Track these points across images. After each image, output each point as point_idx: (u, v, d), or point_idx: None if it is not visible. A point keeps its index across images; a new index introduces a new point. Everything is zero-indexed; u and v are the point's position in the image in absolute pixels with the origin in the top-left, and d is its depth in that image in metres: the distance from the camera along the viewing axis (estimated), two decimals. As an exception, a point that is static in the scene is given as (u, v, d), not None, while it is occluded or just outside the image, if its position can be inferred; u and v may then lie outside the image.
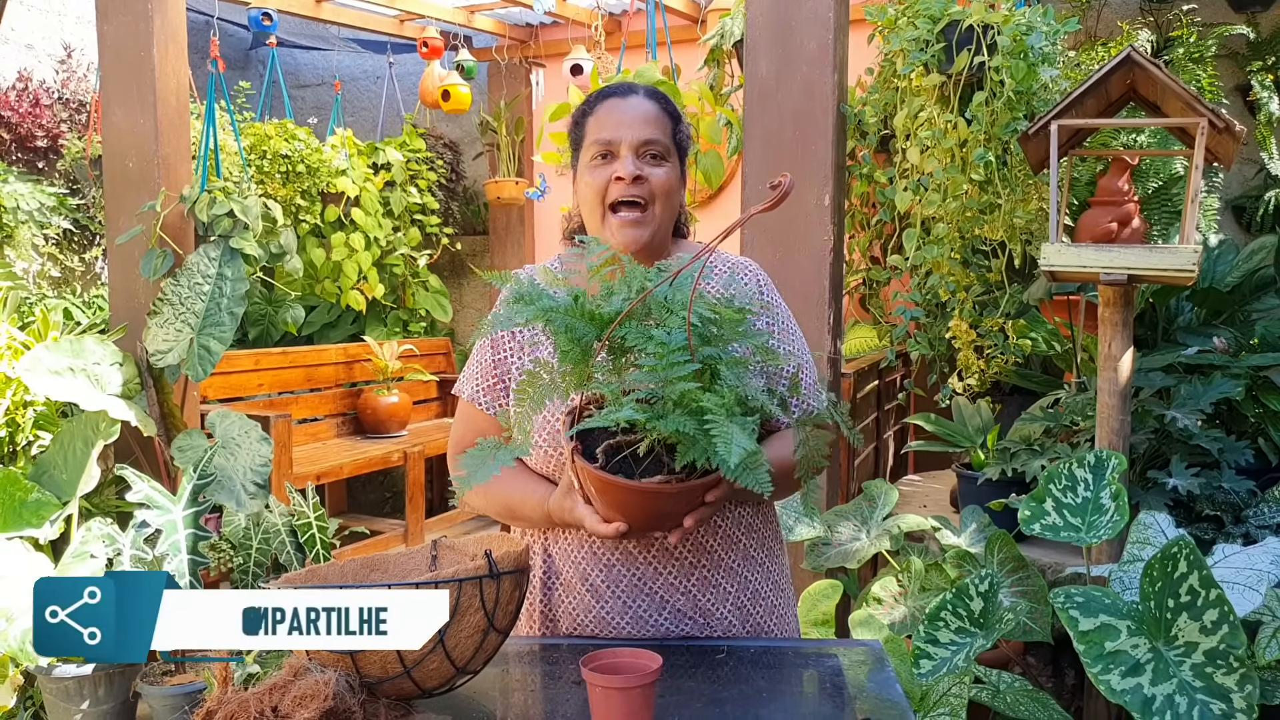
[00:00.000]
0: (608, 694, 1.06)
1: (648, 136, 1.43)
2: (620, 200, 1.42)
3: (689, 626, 1.40)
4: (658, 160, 1.44)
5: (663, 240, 1.49)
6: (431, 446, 4.71)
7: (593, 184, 1.44)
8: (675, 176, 1.47)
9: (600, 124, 1.45)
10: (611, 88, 1.50)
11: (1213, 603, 1.47)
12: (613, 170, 1.42)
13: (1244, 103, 3.70)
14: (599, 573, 1.40)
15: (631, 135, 1.43)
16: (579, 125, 1.50)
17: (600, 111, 1.46)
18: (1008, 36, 2.36)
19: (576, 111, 1.52)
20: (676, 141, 1.48)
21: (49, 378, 2.89)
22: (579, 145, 1.49)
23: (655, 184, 1.43)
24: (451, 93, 4.97)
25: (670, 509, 1.19)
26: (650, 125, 1.44)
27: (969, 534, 2.34)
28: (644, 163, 1.43)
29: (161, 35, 3.26)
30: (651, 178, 1.43)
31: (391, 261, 5.22)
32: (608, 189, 1.43)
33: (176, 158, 3.34)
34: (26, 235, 4.42)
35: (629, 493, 1.14)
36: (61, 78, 4.92)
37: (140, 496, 2.64)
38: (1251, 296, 2.65)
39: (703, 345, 1.11)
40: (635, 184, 1.41)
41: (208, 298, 3.19)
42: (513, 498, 1.43)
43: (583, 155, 1.48)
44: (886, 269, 2.97)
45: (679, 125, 1.50)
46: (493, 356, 1.50)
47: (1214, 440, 2.27)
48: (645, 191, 1.42)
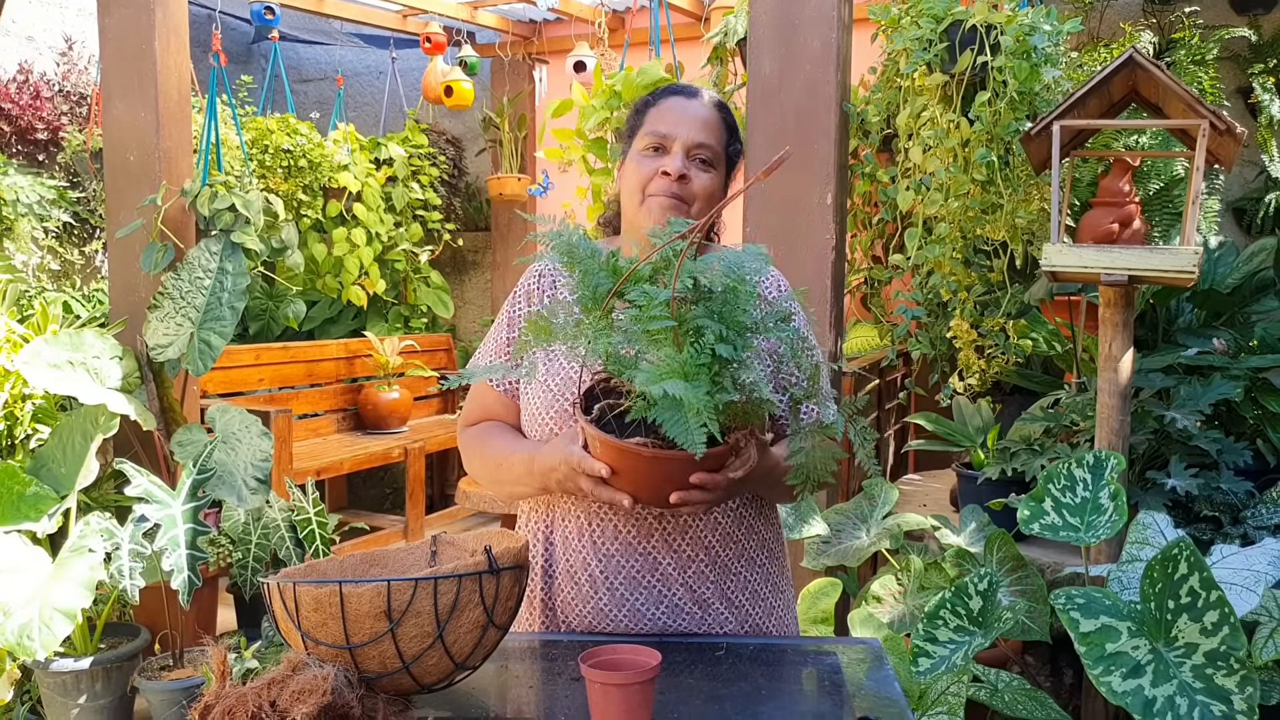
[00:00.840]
0: (606, 690, 1.06)
1: (702, 140, 1.46)
2: (663, 193, 1.44)
3: (686, 621, 1.40)
4: (706, 165, 1.47)
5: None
6: (432, 442, 4.71)
7: (639, 172, 1.47)
8: (719, 185, 1.49)
9: (660, 117, 1.48)
10: (679, 85, 1.54)
11: (1213, 604, 1.47)
12: (661, 164, 1.45)
13: (1245, 105, 3.70)
14: (598, 564, 1.40)
15: (687, 134, 1.46)
16: (639, 113, 1.53)
17: (663, 105, 1.49)
18: (1011, 37, 2.36)
19: (640, 101, 1.55)
20: (728, 153, 1.51)
21: (48, 371, 2.89)
22: (634, 132, 1.52)
23: (698, 187, 1.45)
24: (454, 88, 4.97)
25: (660, 475, 1.17)
26: (707, 130, 1.47)
27: (968, 533, 2.34)
28: (692, 164, 1.45)
29: (163, 28, 3.25)
30: (695, 180, 1.45)
31: (393, 257, 5.22)
32: (652, 181, 1.45)
33: (178, 151, 3.34)
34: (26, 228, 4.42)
35: (615, 451, 1.15)
36: (62, 70, 4.91)
37: (139, 491, 2.64)
38: (1251, 298, 2.65)
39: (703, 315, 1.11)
40: (680, 182, 1.44)
41: (208, 292, 3.18)
42: (502, 452, 1.44)
43: (635, 143, 1.50)
44: (888, 268, 2.96)
45: (734, 138, 1.52)
46: (507, 334, 1.53)
47: (1213, 441, 2.27)
48: (687, 192, 1.45)
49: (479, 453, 1.49)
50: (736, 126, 1.54)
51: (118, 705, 2.86)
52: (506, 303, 1.56)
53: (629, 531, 1.39)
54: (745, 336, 1.13)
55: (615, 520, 1.39)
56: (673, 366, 1.06)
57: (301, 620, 1.08)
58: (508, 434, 1.48)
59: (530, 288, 1.54)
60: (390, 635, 1.07)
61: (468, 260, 5.87)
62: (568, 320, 1.18)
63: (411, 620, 1.07)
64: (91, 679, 2.79)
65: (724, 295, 1.14)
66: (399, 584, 1.07)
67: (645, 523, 1.38)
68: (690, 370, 1.06)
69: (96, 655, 2.79)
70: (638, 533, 1.39)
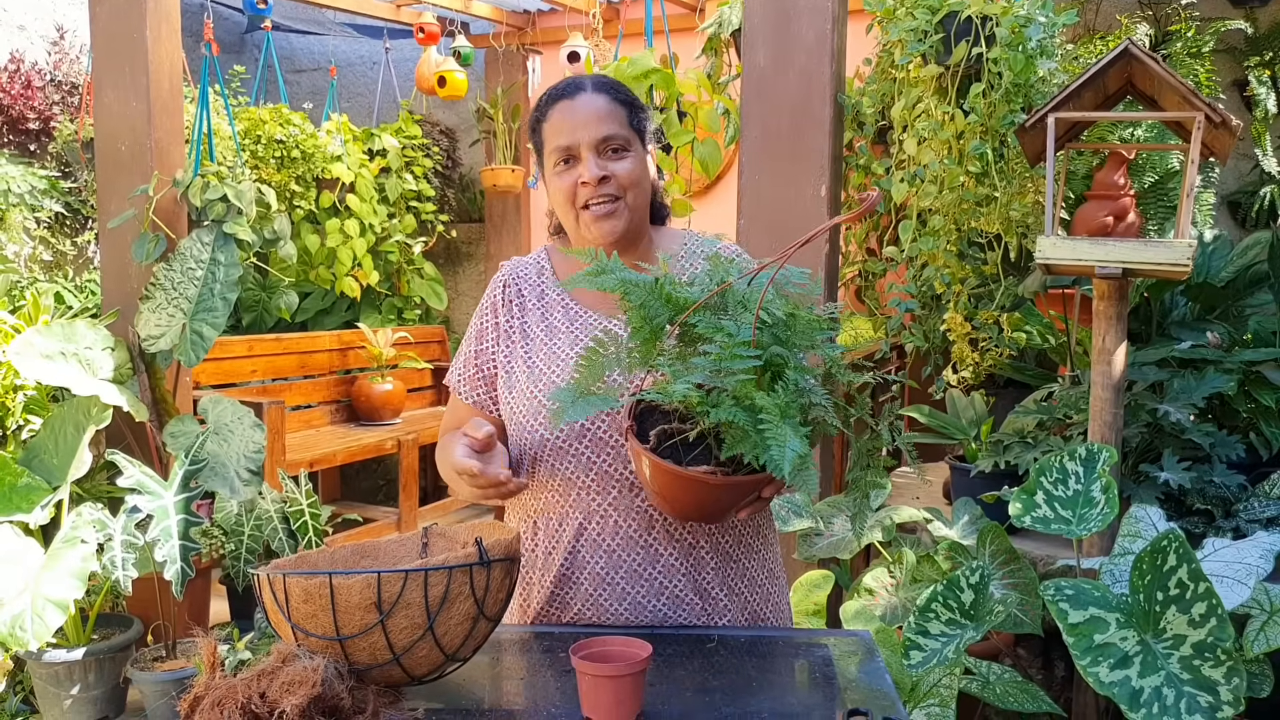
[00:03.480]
0: (597, 682, 1.06)
1: (605, 134, 1.41)
2: (591, 201, 1.42)
3: (686, 612, 1.40)
4: (619, 154, 1.43)
5: (640, 227, 1.48)
6: (425, 434, 4.71)
7: (561, 189, 1.43)
8: (641, 164, 1.45)
9: (556, 130, 1.43)
10: (559, 89, 1.47)
11: (1201, 596, 1.48)
12: (577, 174, 1.41)
13: (1241, 98, 3.70)
14: (597, 559, 1.40)
15: (589, 135, 1.41)
16: (536, 132, 1.48)
17: (553, 116, 1.44)
18: (1006, 28, 2.35)
19: (531, 118, 1.50)
20: (636, 128, 1.46)
21: (40, 362, 2.88)
22: (540, 151, 1.48)
23: (622, 177, 1.42)
24: (448, 79, 4.95)
25: (717, 499, 1.19)
26: (605, 121, 1.42)
27: (961, 526, 2.34)
28: (606, 159, 1.41)
29: (155, 17, 3.23)
30: (617, 173, 1.42)
31: (386, 248, 5.20)
32: (576, 193, 1.42)
33: (169, 141, 3.32)
34: (18, 218, 4.40)
35: (676, 478, 1.15)
36: (54, 59, 4.88)
37: (131, 482, 2.63)
38: (1245, 292, 2.65)
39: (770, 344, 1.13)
40: (602, 184, 1.40)
41: (201, 283, 3.17)
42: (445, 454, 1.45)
43: (545, 161, 1.46)
44: (882, 261, 2.96)
45: (635, 111, 1.47)
46: (475, 347, 1.53)
47: (1206, 434, 2.28)
48: (614, 188, 1.42)
49: (442, 460, 1.51)
50: (632, 97, 1.48)
51: (110, 696, 2.86)
52: (475, 315, 1.56)
53: (630, 525, 1.39)
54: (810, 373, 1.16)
55: (615, 515, 1.39)
56: (769, 408, 1.08)
57: (291, 612, 1.08)
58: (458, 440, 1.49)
59: (496, 299, 1.53)
60: (381, 627, 1.07)
61: (461, 251, 5.85)
62: (619, 351, 1.19)
63: (402, 612, 1.07)
64: (84, 670, 2.79)
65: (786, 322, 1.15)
66: (389, 575, 1.07)
67: (646, 516, 1.38)
68: (788, 410, 1.09)
69: (89, 646, 2.78)
70: (639, 526, 1.39)
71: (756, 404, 1.08)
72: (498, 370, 1.50)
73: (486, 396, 1.52)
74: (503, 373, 1.49)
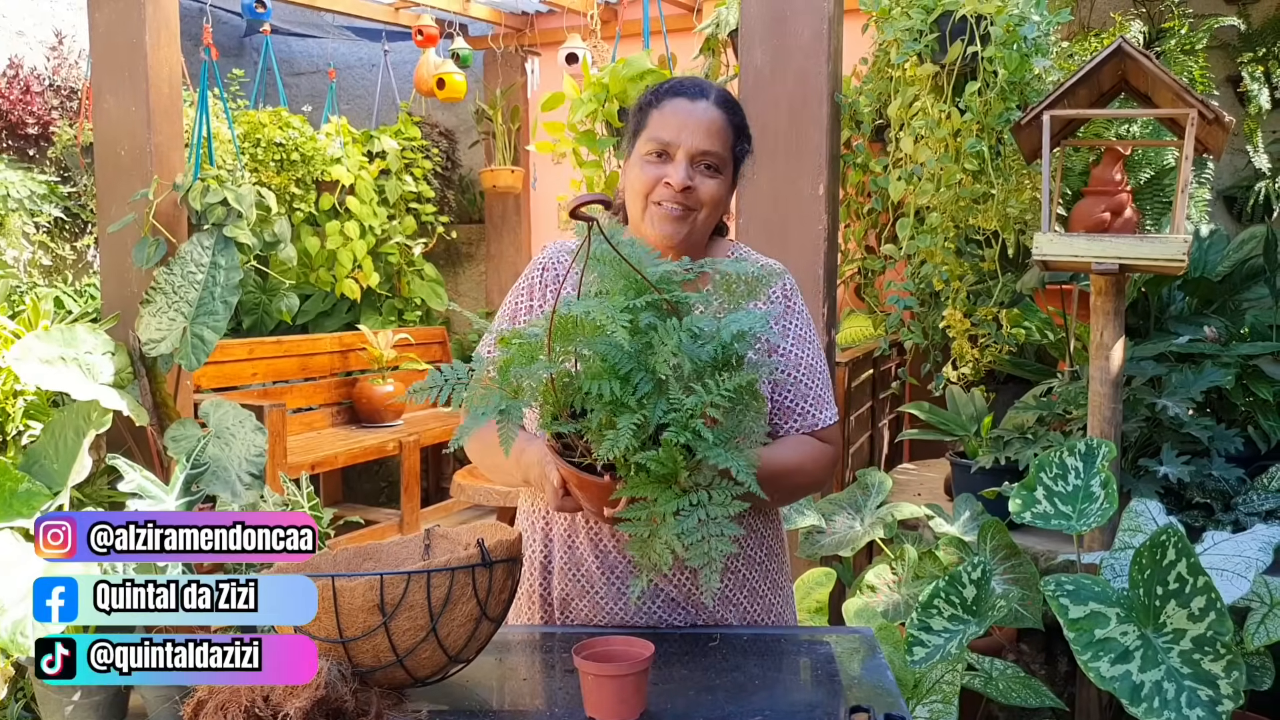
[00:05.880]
0: (600, 682, 1.07)
1: (707, 147, 1.40)
2: (665, 202, 1.40)
3: (682, 616, 1.40)
4: (712, 171, 1.41)
5: (698, 244, 1.46)
6: (427, 436, 4.71)
7: (642, 179, 1.41)
8: (726, 189, 1.44)
9: (663, 121, 1.41)
10: (684, 84, 1.45)
11: (1200, 590, 1.48)
12: (664, 173, 1.39)
13: (1234, 94, 3.70)
14: (595, 558, 1.40)
15: (691, 142, 1.39)
16: (642, 112, 1.45)
17: (666, 108, 1.42)
18: (1000, 27, 2.36)
19: (642, 97, 1.47)
20: (735, 154, 1.45)
21: (40, 367, 2.88)
22: (636, 132, 1.45)
23: (704, 194, 1.41)
24: (447, 81, 4.95)
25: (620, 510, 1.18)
26: (713, 136, 1.40)
27: (962, 522, 2.35)
28: (697, 172, 1.40)
29: (154, 22, 3.23)
30: (701, 188, 1.40)
31: (386, 250, 5.21)
32: (655, 188, 1.40)
33: (169, 145, 3.32)
34: (17, 223, 4.40)
35: (592, 486, 1.16)
36: (53, 64, 4.89)
37: (132, 486, 2.63)
38: (1242, 286, 2.66)
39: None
40: (684, 193, 1.39)
41: (201, 286, 3.17)
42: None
43: (638, 145, 1.43)
44: (881, 258, 2.97)
45: (740, 138, 1.46)
46: (510, 326, 1.50)
47: (1204, 428, 2.28)
48: (693, 201, 1.40)
49: (481, 434, 1.48)
50: (744, 124, 1.47)
51: (112, 701, 2.86)
52: (511, 292, 1.54)
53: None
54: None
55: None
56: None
57: (295, 614, 1.08)
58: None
59: (533, 281, 1.51)
60: (384, 629, 1.08)
61: (461, 253, 5.86)
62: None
63: (405, 613, 1.08)
64: (88, 674, 2.79)
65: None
66: (392, 577, 1.07)
67: None
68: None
69: (92, 651, 2.78)
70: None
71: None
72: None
73: None
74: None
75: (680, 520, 1.09)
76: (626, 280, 1.15)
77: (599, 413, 1.10)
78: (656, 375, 1.09)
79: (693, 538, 1.09)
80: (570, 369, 1.14)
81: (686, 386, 1.09)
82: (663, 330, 1.10)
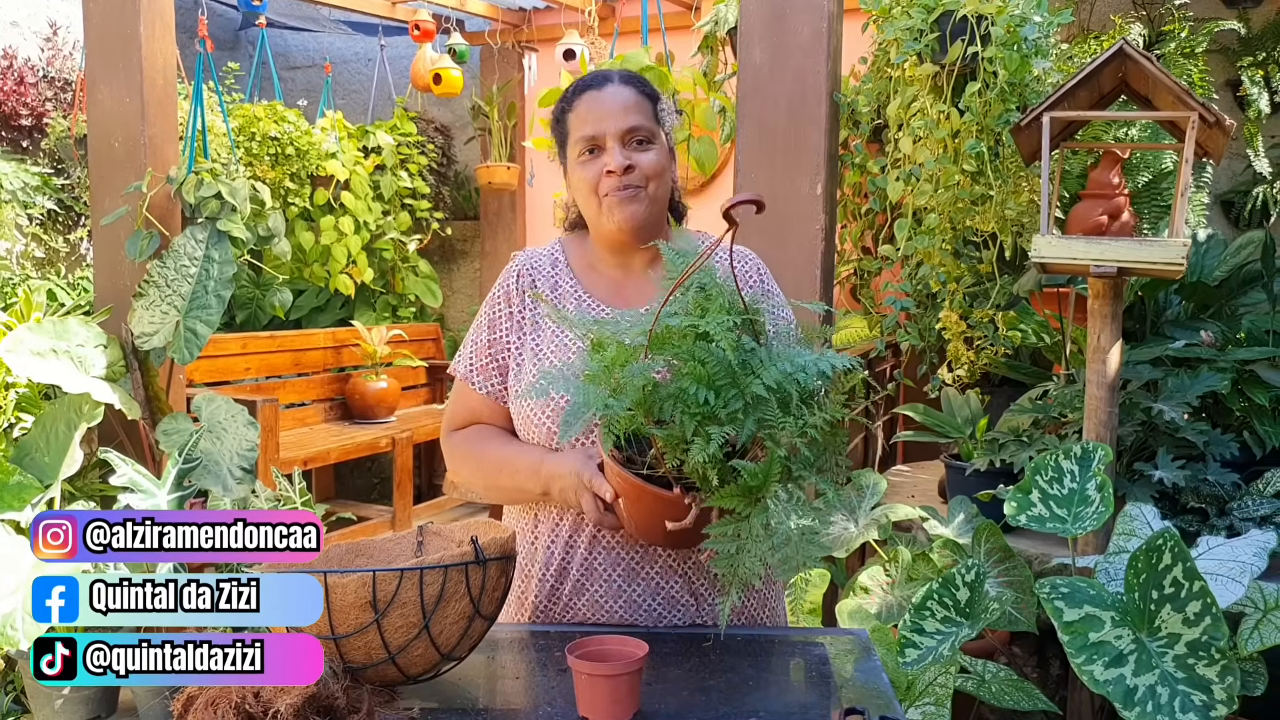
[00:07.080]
0: (593, 681, 1.06)
1: (631, 124, 1.43)
2: (614, 190, 1.42)
3: (681, 613, 1.40)
4: (644, 145, 1.44)
5: (659, 220, 1.49)
6: (420, 432, 4.70)
7: (585, 179, 1.44)
8: (664, 156, 1.47)
9: (582, 119, 1.44)
10: (586, 80, 1.49)
11: (1196, 594, 1.48)
12: (602, 164, 1.42)
13: (1234, 98, 3.71)
14: (595, 555, 1.40)
15: (615, 126, 1.42)
16: (560, 122, 1.49)
17: (580, 106, 1.45)
18: (1001, 27, 2.35)
19: (556, 109, 1.51)
20: (659, 120, 1.48)
21: (31, 359, 2.86)
22: (564, 142, 1.49)
23: (646, 167, 1.43)
24: (443, 76, 4.93)
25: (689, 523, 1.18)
26: (631, 112, 1.44)
27: (956, 524, 2.34)
28: (631, 150, 1.43)
29: (148, 13, 3.22)
30: (641, 163, 1.43)
31: (381, 246, 5.19)
32: (600, 181, 1.42)
33: (163, 138, 3.30)
34: (10, 215, 4.38)
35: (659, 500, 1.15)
36: (47, 55, 4.86)
37: (124, 480, 2.61)
38: (1239, 291, 2.66)
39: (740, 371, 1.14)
40: (627, 174, 1.42)
41: (194, 280, 3.16)
42: (504, 455, 1.44)
43: (569, 152, 1.47)
44: (878, 259, 2.96)
45: (659, 104, 1.49)
46: (489, 336, 1.51)
47: (1200, 433, 2.28)
48: (638, 178, 1.43)
49: (474, 456, 1.48)
50: (656, 90, 1.50)
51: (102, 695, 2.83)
52: (486, 302, 1.55)
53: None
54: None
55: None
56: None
57: (286, 611, 1.07)
58: (503, 438, 1.48)
59: (510, 288, 1.52)
60: (376, 626, 1.07)
61: (456, 249, 5.84)
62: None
63: (397, 611, 1.07)
64: (76, 669, 2.77)
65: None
66: (384, 574, 1.06)
67: None
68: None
69: (81, 645, 2.77)
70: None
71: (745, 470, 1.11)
72: (510, 357, 1.49)
73: (500, 386, 1.49)
74: (513, 363, 1.48)
75: (770, 534, 1.11)
76: (724, 298, 1.18)
77: (687, 422, 1.10)
78: (744, 395, 1.11)
79: (784, 550, 1.11)
80: (656, 378, 1.15)
81: (784, 407, 1.12)
82: (762, 354, 1.15)
